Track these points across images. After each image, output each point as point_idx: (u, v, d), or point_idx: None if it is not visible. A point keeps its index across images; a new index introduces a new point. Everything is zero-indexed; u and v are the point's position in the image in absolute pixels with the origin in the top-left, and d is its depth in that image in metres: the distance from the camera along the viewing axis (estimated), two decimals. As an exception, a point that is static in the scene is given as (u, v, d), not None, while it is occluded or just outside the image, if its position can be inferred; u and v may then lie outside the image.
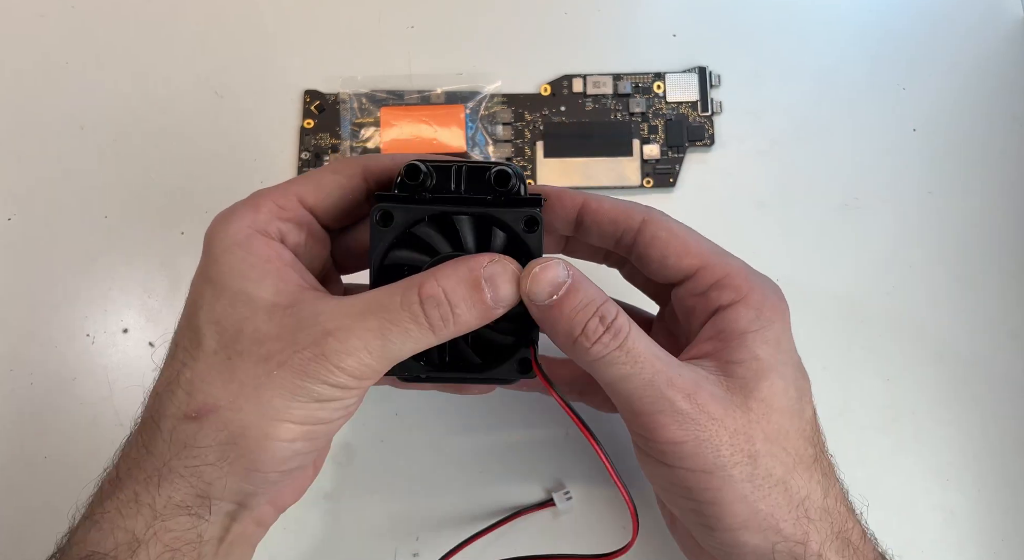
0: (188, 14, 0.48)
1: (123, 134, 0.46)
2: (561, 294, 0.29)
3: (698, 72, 0.47)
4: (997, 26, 0.48)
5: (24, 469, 0.42)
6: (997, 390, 0.43)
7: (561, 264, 0.29)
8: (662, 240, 0.32)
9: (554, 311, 0.29)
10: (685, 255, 0.32)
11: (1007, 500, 0.41)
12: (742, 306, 0.31)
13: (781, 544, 0.29)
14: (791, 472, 0.30)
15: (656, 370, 0.29)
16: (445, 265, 0.29)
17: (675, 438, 0.29)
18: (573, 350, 0.29)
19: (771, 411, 0.30)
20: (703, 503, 0.29)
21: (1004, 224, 0.45)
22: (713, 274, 0.32)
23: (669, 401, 0.29)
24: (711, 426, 0.29)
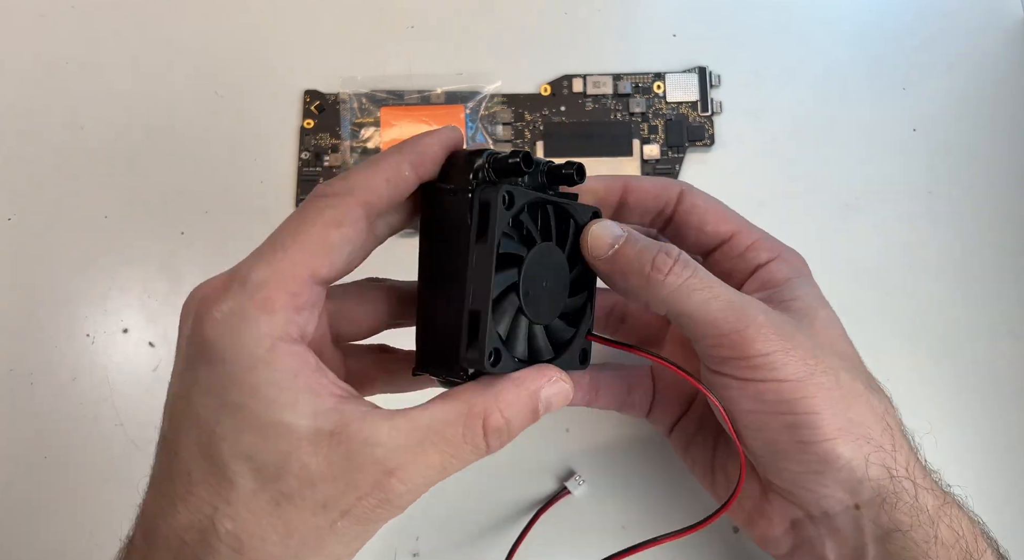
0: (188, 14, 0.48)
1: (123, 134, 0.46)
2: (621, 244, 0.30)
3: (698, 72, 0.47)
4: (997, 26, 0.48)
5: (24, 469, 0.42)
6: (997, 390, 0.43)
7: (615, 223, 0.31)
8: (701, 208, 0.34)
9: (619, 258, 0.30)
10: (722, 221, 0.34)
11: (1007, 500, 0.41)
12: (780, 261, 0.34)
13: (874, 455, 0.30)
14: (867, 389, 0.31)
15: (732, 293, 0.30)
16: (506, 389, 0.27)
17: (766, 349, 0.29)
18: (648, 288, 0.30)
19: (832, 339, 0.32)
20: (798, 414, 0.29)
21: (1004, 224, 0.45)
22: (749, 237, 0.34)
23: (750, 315, 0.29)
24: (793, 339, 0.30)
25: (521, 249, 0.28)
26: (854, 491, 0.30)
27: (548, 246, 0.29)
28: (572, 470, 0.41)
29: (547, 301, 0.30)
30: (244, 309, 0.25)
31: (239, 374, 0.25)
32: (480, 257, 0.27)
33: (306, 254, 0.26)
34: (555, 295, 0.30)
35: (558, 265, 0.30)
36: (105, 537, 0.39)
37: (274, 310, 0.25)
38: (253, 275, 0.25)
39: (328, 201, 0.27)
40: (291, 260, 0.26)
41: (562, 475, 0.41)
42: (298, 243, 0.26)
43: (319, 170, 0.46)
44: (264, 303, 0.25)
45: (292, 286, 0.26)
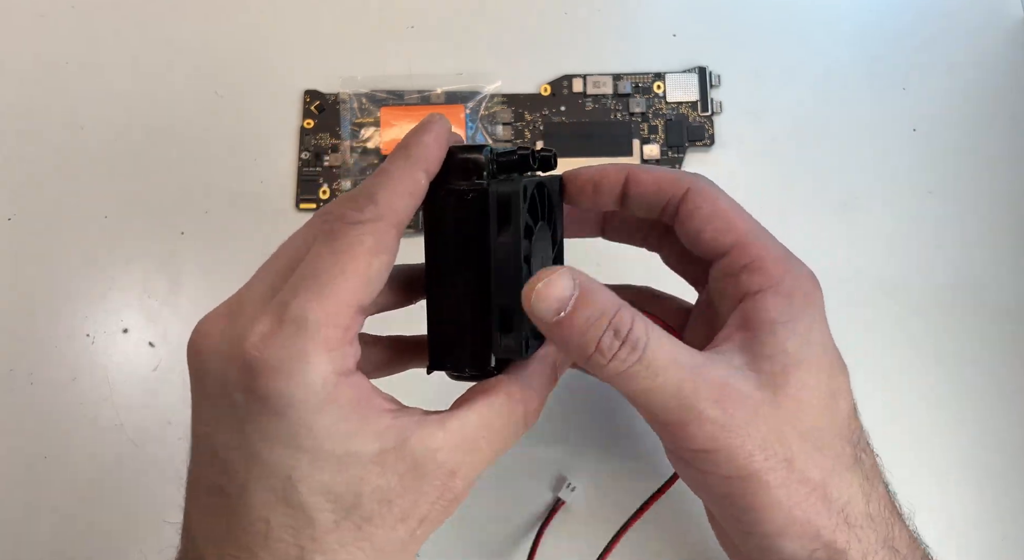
0: (188, 14, 0.48)
1: (123, 134, 0.46)
2: (569, 309, 0.27)
3: (698, 72, 0.47)
4: (997, 26, 0.48)
5: (24, 469, 0.42)
6: (997, 390, 0.42)
7: (567, 274, 0.27)
8: (703, 213, 0.30)
9: (563, 329, 0.27)
10: (722, 231, 0.30)
11: (1007, 500, 0.41)
12: (772, 294, 0.29)
13: (820, 552, 0.28)
14: (829, 475, 0.28)
15: (681, 379, 0.27)
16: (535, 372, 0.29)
17: (706, 447, 0.27)
18: (589, 367, 0.27)
19: (803, 409, 0.28)
20: (738, 509, 0.28)
21: (1004, 224, 0.45)
22: (747, 254, 0.30)
23: (696, 409, 0.27)
24: (742, 431, 0.27)
25: (528, 235, 0.29)
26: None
27: (542, 226, 0.30)
28: (563, 476, 0.41)
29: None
30: (306, 352, 0.24)
31: (309, 418, 0.25)
32: (504, 251, 0.27)
33: (353, 287, 0.26)
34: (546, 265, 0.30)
35: (546, 241, 0.31)
36: (105, 537, 0.39)
37: (332, 348, 0.25)
38: (310, 315, 0.25)
39: (365, 229, 0.26)
40: (340, 295, 0.25)
41: (552, 482, 0.41)
42: (344, 276, 0.25)
43: (319, 170, 0.46)
44: (324, 343, 0.25)
45: (344, 321, 0.25)
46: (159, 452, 0.42)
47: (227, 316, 0.26)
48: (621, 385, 0.27)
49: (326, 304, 0.25)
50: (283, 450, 0.25)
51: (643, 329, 0.27)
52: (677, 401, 0.27)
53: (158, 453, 0.42)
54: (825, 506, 0.28)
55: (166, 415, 0.42)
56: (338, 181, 0.45)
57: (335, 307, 0.25)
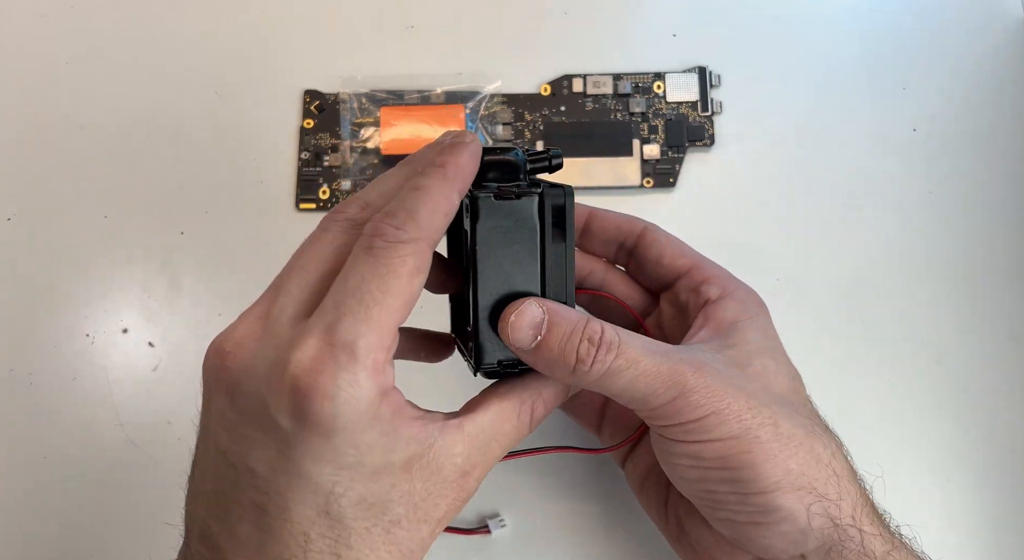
0: (188, 14, 0.48)
1: (123, 134, 0.46)
2: (543, 333, 0.29)
3: (698, 72, 0.47)
4: (997, 26, 0.48)
5: (24, 469, 0.42)
6: (997, 390, 0.43)
7: (533, 302, 0.29)
8: (661, 242, 0.36)
9: (543, 351, 0.29)
10: (680, 255, 0.35)
11: (1007, 500, 0.41)
12: (730, 299, 0.34)
13: (816, 505, 0.29)
14: (810, 436, 0.31)
15: (658, 362, 0.29)
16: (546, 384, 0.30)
17: (697, 414, 0.29)
18: (575, 378, 0.29)
19: (771, 383, 0.32)
20: (736, 469, 0.29)
21: (1004, 224, 0.45)
22: (703, 273, 0.35)
23: (679, 383, 0.29)
24: (727, 395, 0.29)
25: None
26: (798, 542, 0.30)
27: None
28: (497, 512, 0.41)
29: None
30: (357, 379, 0.25)
31: (355, 437, 0.26)
32: (557, 257, 0.29)
33: (398, 308, 0.26)
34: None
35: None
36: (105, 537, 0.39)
37: (379, 370, 0.26)
38: (360, 342, 0.25)
39: (408, 248, 0.26)
40: (386, 319, 0.26)
41: (488, 512, 0.41)
42: (390, 298, 0.26)
43: (319, 170, 0.46)
44: (373, 368, 0.25)
45: (389, 343, 0.26)
46: (159, 452, 0.42)
47: (259, 334, 0.27)
48: (609, 385, 0.29)
49: (374, 329, 0.25)
50: (329, 468, 0.26)
51: (613, 331, 0.29)
52: (660, 380, 0.29)
53: (158, 453, 0.42)
54: (815, 459, 0.30)
55: (166, 415, 0.42)
56: (338, 181, 0.45)
57: (382, 331, 0.25)
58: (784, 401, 0.31)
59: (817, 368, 0.43)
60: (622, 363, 0.29)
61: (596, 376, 0.29)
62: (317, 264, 0.27)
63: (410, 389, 0.28)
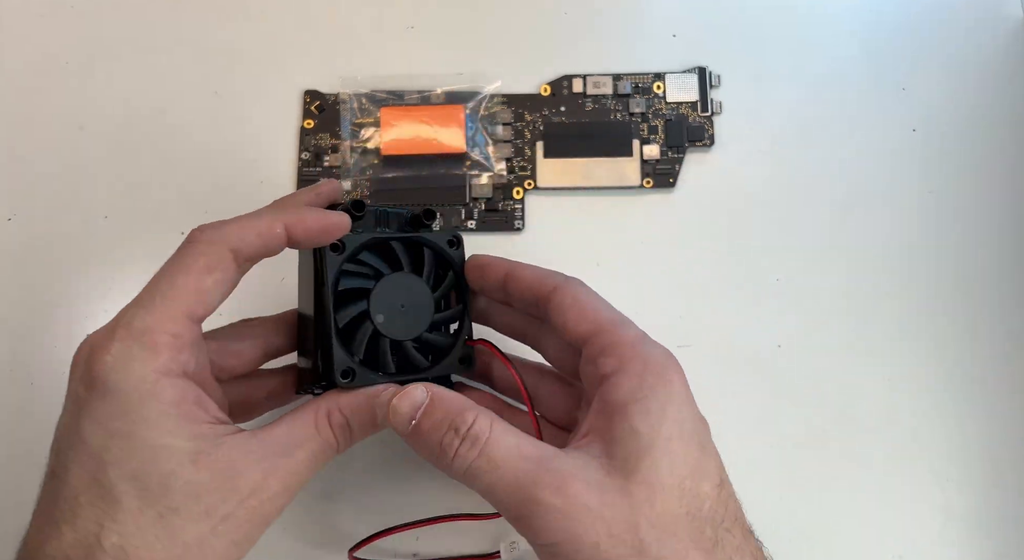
0: (188, 14, 0.48)
1: (123, 134, 0.46)
2: (419, 416, 0.29)
3: (698, 72, 0.47)
4: (997, 26, 0.48)
5: (24, 469, 0.42)
6: (997, 390, 0.43)
7: (421, 387, 0.30)
8: (564, 306, 0.32)
9: (416, 435, 0.29)
10: (581, 321, 0.32)
11: (1007, 500, 0.41)
12: (623, 374, 0.30)
13: None
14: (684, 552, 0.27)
15: (521, 470, 0.28)
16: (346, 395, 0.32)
17: (549, 540, 0.27)
18: (447, 470, 0.29)
19: (655, 494, 0.28)
20: None
21: (1004, 224, 0.45)
22: (602, 340, 0.31)
23: (536, 501, 0.27)
24: (587, 519, 0.27)
25: (367, 283, 0.34)
26: None
27: (399, 275, 0.35)
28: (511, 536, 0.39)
29: (408, 319, 0.35)
30: (131, 351, 0.28)
31: (129, 406, 0.28)
32: (322, 297, 0.33)
33: (184, 299, 0.29)
34: (417, 312, 0.35)
35: (415, 287, 0.35)
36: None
37: (158, 350, 0.28)
38: (136, 322, 0.29)
39: (201, 248, 0.30)
40: (171, 305, 0.29)
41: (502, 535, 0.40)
42: (176, 289, 0.30)
43: (319, 170, 0.46)
44: (149, 344, 0.28)
45: (173, 328, 0.29)
46: (159, 452, 0.42)
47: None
48: (470, 483, 0.29)
49: (156, 313, 0.29)
50: (102, 434, 0.28)
51: (486, 425, 0.29)
52: (519, 493, 0.28)
53: (158, 453, 0.42)
54: None
55: (166, 415, 0.42)
56: (338, 181, 0.45)
57: (164, 315, 0.29)
58: (664, 518, 0.27)
59: (817, 368, 0.43)
60: (483, 464, 0.28)
61: (460, 471, 0.28)
62: None
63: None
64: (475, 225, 0.45)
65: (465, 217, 0.45)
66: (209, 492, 0.28)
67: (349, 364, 0.33)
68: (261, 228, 0.31)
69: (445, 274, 0.36)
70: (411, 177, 0.45)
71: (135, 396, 0.28)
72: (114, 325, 0.29)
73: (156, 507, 0.27)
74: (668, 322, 0.43)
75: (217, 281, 0.30)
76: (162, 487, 0.28)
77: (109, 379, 0.28)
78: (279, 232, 0.31)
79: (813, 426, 0.42)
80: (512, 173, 0.46)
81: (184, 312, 0.29)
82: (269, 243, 0.31)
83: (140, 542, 0.27)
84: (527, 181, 0.45)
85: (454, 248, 0.36)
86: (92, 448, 0.28)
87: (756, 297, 0.44)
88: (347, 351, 0.33)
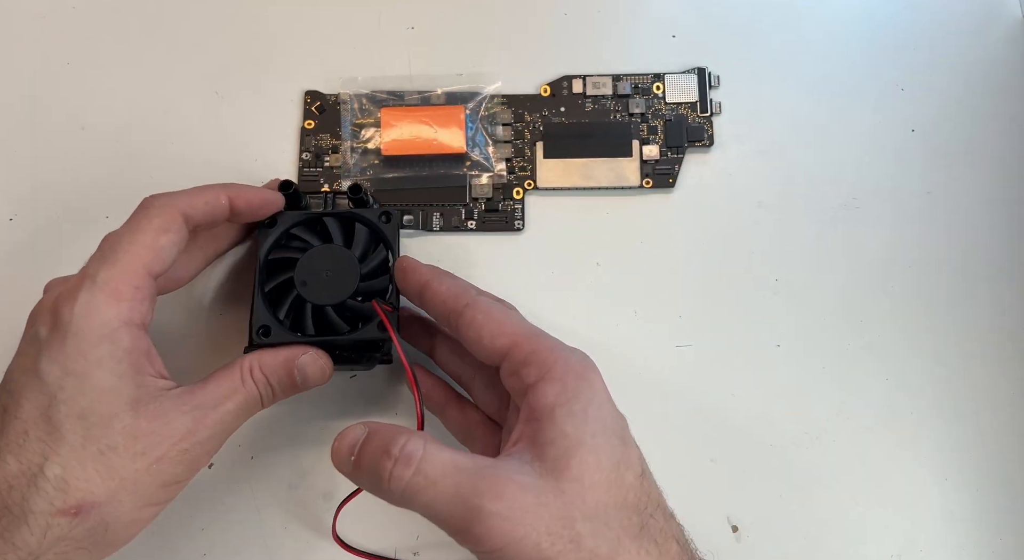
0: (188, 14, 0.48)
1: (123, 134, 0.46)
2: (357, 451, 0.31)
3: (697, 73, 0.47)
4: (997, 26, 0.48)
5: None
6: (997, 390, 0.43)
7: (359, 426, 0.31)
8: (478, 322, 0.33)
9: (357, 471, 0.31)
10: (498, 335, 0.33)
11: (1007, 500, 0.41)
12: (547, 381, 0.31)
13: None
14: (617, 548, 0.29)
15: (458, 482, 0.29)
16: (267, 352, 0.35)
17: (493, 545, 0.28)
18: (386, 497, 0.30)
19: (585, 489, 0.29)
20: None
21: (1003, 224, 0.45)
22: (522, 351, 0.32)
23: (476, 509, 0.28)
24: (526, 520, 0.28)
25: (295, 253, 0.38)
26: None
27: (328, 247, 0.38)
28: None
29: (331, 286, 0.38)
30: (96, 299, 0.31)
31: (87, 348, 0.31)
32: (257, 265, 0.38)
33: (143, 255, 0.33)
34: (342, 280, 0.38)
35: (342, 258, 0.38)
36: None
37: (121, 299, 0.32)
38: (101, 273, 0.32)
39: (155, 211, 0.34)
40: (132, 260, 0.33)
41: None
42: (136, 245, 0.33)
43: (320, 170, 0.46)
44: (113, 293, 0.32)
45: (135, 280, 0.32)
46: (159, 452, 0.42)
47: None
48: (409, 504, 0.29)
49: (119, 267, 0.32)
50: (59, 373, 0.31)
51: (419, 445, 0.30)
52: (458, 504, 0.29)
53: (158, 453, 0.42)
54: None
55: (166, 415, 0.42)
56: (339, 181, 0.45)
57: (125, 268, 0.32)
58: (595, 510, 0.29)
59: (816, 368, 0.43)
60: (420, 481, 0.29)
61: (398, 493, 0.29)
62: None
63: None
64: (475, 225, 0.45)
65: (465, 217, 0.45)
66: (145, 435, 0.31)
67: (265, 322, 0.37)
68: (208, 197, 0.35)
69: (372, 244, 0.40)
70: (411, 177, 0.45)
71: (95, 339, 0.31)
72: (80, 277, 0.32)
73: (97, 444, 0.30)
74: (668, 322, 0.43)
75: (171, 241, 0.34)
76: (104, 427, 0.30)
77: (74, 323, 0.31)
78: (223, 202, 0.36)
79: (813, 426, 0.42)
80: (512, 173, 0.46)
81: (144, 266, 0.33)
82: (215, 211, 0.36)
83: (80, 474, 0.30)
84: (527, 181, 0.45)
85: (386, 222, 0.39)
86: (47, 385, 0.30)
87: (756, 297, 0.44)
88: (271, 313, 0.37)
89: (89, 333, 0.31)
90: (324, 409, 0.42)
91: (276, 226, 0.39)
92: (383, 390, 0.42)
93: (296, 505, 0.41)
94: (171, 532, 0.40)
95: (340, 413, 0.42)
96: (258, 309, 0.37)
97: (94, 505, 0.30)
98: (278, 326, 0.37)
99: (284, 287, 0.38)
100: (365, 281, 0.38)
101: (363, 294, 0.38)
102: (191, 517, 0.40)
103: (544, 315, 0.39)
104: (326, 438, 0.41)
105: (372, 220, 0.39)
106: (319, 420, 0.42)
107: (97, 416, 0.30)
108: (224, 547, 0.40)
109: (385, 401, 0.42)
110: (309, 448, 0.41)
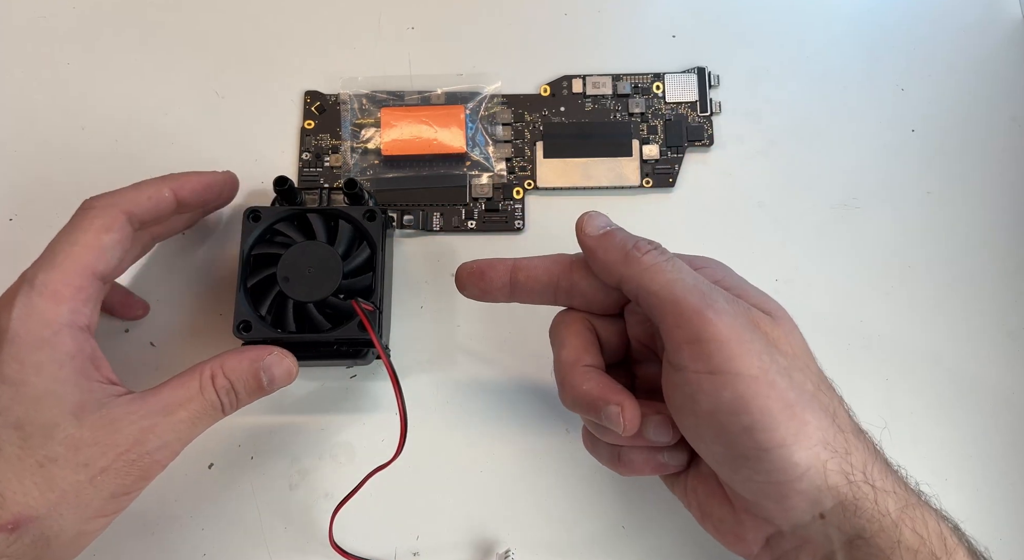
0: (188, 14, 0.48)
1: (123, 134, 0.46)
2: (610, 228, 0.33)
3: (697, 72, 0.47)
4: (996, 26, 0.48)
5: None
6: (996, 390, 0.43)
7: (603, 214, 0.34)
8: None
9: (607, 237, 0.33)
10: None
11: (1006, 500, 0.41)
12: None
13: (831, 461, 0.29)
14: (818, 389, 0.31)
15: (700, 279, 0.31)
16: (231, 357, 0.34)
17: (722, 334, 0.29)
18: (626, 264, 0.31)
19: (783, 334, 0.32)
20: (754, 414, 0.28)
21: (1003, 224, 0.45)
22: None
23: (713, 299, 0.30)
24: (748, 332, 0.30)
25: (278, 249, 0.38)
26: (816, 501, 0.29)
27: (311, 244, 0.38)
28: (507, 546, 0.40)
29: (313, 283, 0.37)
30: (34, 302, 0.30)
31: (24, 353, 0.30)
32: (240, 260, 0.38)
33: (85, 255, 0.32)
34: (325, 278, 0.38)
35: (326, 255, 0.38)
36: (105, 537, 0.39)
37: (60, 301, 0.31)
38: (40, 276, 0.31)
39: (96, 212, 0.33)
40: (73, 261, 0.32)
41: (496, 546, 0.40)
42: (76, 246, 0.32)
43: (320, 171, 0.46)
44: (52, 296, 0.31)
45: (77, 281, 0.31)
46: (160, 452, 0.42)
47: None
48: (649, 278, 0.31)
49: (59, 268, 0.31)
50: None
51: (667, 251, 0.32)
52: (698, 291, 0.30)
53: (159, 453, 0.42)
54: (823, 411, 0.30)
55: (167, 415, 0.42)
56: (339, 181, 0.45)
57: (66, 269, 0.31)
58: (794, 354, 0.31)
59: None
60: (669, 266, 0.31)
61: (646, 265, 0.31)
62: None
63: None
64: (475, 225, 0.45)
65: (465, 217, 0.45)
66: (88, 445, 0.29)
67: (246, 317, 0.37)
68: (150, 191, 0.35)
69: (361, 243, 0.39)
70: (411, 177, 0.45)
71: (33, 343, 0.30)
72: (18, 283, 0.31)
73: (36, 455, 0.29)
74: (668, 322, 0.43)
75: (115, 240, 0.33)
76: (43, 437, 0.29)
77: (10, 328, 0.30)
78: (167, 195, 0.35)
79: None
80: (512, 173, 0.46)
81: (86, 267, 0.32)
82: (159, 205, 0.35)
83: (17, 487, 0.29)
84: (527, 181, 0.45)
85: (370, 220, 0.39)
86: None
87: (756, 297, 0.44)
88: (253, 308, 0.37)
89: (27, 337, 0.30)
90: (324, 409, 0.42)
91: (260, 221, 0.39)
92: (383, 390, 0.42)
93: (296, 505, 0.41)
94: (171, 532, 0.40)
95: (340, 413, 0.42)
96: (239, 304, 0.37)
97: (32, 519, 0.29)
98: (259, 321, 0.37)
99: (266, 283, 0.38)
100: (348, 279, 0.38)
101: (346, 292, 0.38)
102: (191, 517, 0.40)
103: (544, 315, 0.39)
104: (326, 438, 0.42)
105: (356, 218, 0.39)
106: (318, 420, 0.42)
107: (35, 426, 0.29)
108: (224, 547, 0.40)
109: (385, 401, 0.42)
110: (309, 448, 0.41)
